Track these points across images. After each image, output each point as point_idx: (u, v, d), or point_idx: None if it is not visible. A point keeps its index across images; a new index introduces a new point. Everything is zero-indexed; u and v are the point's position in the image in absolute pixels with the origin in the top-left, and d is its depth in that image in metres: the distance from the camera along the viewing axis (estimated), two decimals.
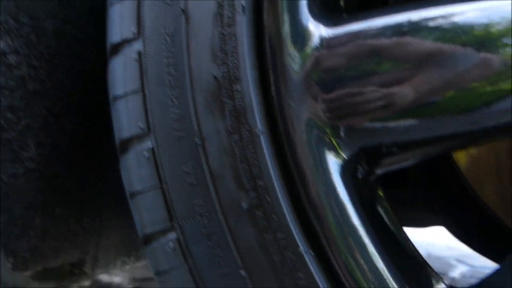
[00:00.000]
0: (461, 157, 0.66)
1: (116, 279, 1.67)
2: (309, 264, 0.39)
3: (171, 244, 0.40)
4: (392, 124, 0.43)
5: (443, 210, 0.72)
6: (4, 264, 0.58)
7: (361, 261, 0.39)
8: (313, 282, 0.39)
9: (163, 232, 0.41)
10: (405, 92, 0.43)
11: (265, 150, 0.39)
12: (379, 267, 0.39)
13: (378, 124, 0.43)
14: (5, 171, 0.55)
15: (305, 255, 0.38)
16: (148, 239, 0.42)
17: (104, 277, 1.68)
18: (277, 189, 0.39)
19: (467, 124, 0.43)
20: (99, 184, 0.76)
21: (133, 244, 0.92)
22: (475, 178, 0.64)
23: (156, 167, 0.40)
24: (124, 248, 0.90)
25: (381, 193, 0.50)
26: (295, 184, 0.39)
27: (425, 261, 0.52)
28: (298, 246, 0.39)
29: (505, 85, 0.42)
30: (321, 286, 0.38)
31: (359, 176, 0.46)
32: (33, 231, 0.60)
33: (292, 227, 0.39)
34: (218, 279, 0.40)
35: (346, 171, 0.42)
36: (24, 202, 0.58)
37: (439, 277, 0.51)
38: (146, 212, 0.41)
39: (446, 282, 0.52)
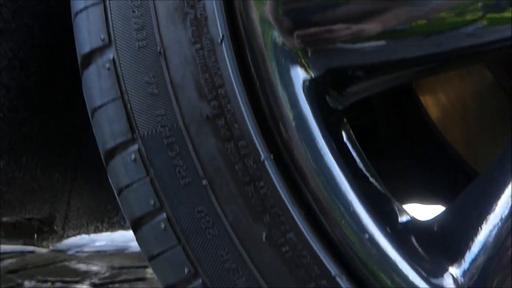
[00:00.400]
0: (431, 108, 0.67)
1: (94, 268, 1.66)
2: (270, 172, 0.39)
3: (132, 157, 0.40)
4: (358, 46, 0.44)
5: (418, 175, 0.73)
6: None
7: (321, 172, 0.39)
8: (274, 190, 0.39)
9: (125, 144, 0.40)
10: (373, 24, 0.44)
11: (226, 59, 0.39)
12: (337, 177, 0.40)
13: (344, 46, 0.43)
14: None
15: (266, 163, 0.39)
16: (109, 155, 0.41)
17: (82, 266, 1.66)
18: (239, 98, 0.39)
19: (431, 47, 0.44)
20: (68, 139, 0.75)
21: (107, 211, 0.91)
22: (443, 124, 0.65)
23: (117, 78, 0.40)
24: (98, 213, 0.89)
25: (346, 122, 0.50)
26: (257, 93, 0.39)
27: (390, 194, 0.53)
28: (260, 154, 0.39)
29: (467, 16, 0.43)
30: (281, 194, 0.39)
31: (325, 100, 0.46)
32: None
33: (253, 135, 0.39)
34: (179, 190, 0.40)
35: (311, 89, 0.42)
36: None
37: (402, 210, 0.52)
38: (107, 125, 0.40)
39: (409, 214, 0.52)
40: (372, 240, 0.40)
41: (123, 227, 1.06)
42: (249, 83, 0.39)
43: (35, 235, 0.75)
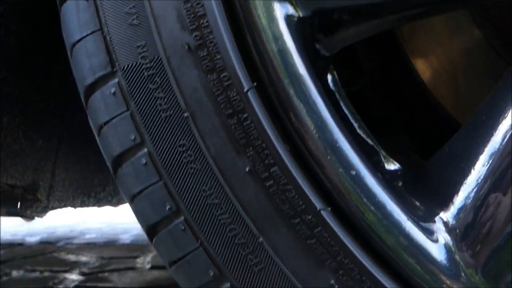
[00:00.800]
0: (421, 67, 0.67)
1: (84, 258, 1.64)
2: (253, 103, 0.38)
3: (112, 90, 0.39)
4: None
5: (407, 132, 0.72)
6: None
7: (306, 106, 0.38)
8: (257, 123, 0.38)
9: (104, 78, 0.39)
10: None
11: None
12: (322, 114, 0.39)
13: None
14: None
15: (249, 95, 0.38)
16: (89, 91, 0.40)
17: (71, 257, 1.65)
18: (222, 28, 0.38)
19: None
20: (52, 107, 0.74)
21: (93, 185, 0.90)
22: (432, 82, 0.65)
23: (97, 9, 0.39)
24: (84, 187, 0.88)
25: (333, 69, 0.50)
26: (240, 23, 0.38)
27: (378, 145, 0.52)
28: (243, 85, 0.38)
29: None
30: (265, 126, 0.38)
31: (313, 43, 0.45)
32: None
33: (236, 66, 0.38)
34: (160, 123, 0.39)
35: (299, 28, 0.41)
36: None
37: (390, 159, 0.51)
38: (87, 59, 0.39)
39: (396, 164, 0.52)
40: (359, 177, 0.39)
41: (111, 203, 1.05)
42: (232, 13, 0.38)
43: (19, 204, 0.74)
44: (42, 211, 0.78)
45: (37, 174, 0.73)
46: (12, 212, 0.75)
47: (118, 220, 2.51)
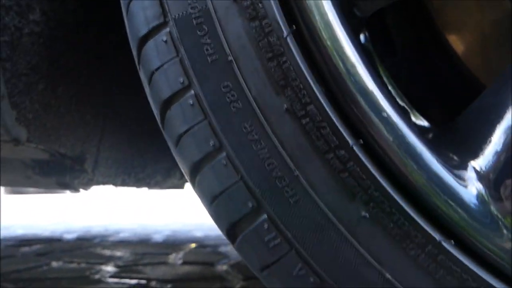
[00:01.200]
0: (453, 40, 0.68)
1: (118, 253, 1.69)
2: (292, 48, 0.41)
3: (164, 38, 0.43)
4: None
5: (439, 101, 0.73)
6: (10, 116, 0.60)
7: (339, 51, 0.41)
8: (295, 65, 0.41)
9: (157, 28, 0.43)
10: None
11: None
12: (355, 60, 0.41)
13: None
14: (12, 22, 0.57)
15: (288, 39, 0.41)
16: (142, 42, 0.44)
17: (106, 252, 1.71)
18: None
19: None
20: (99, 85, 0.79)
21: (134, 166, 0.95)
22: (464, 54, 0.66)
23: None
24: (125, 167, 0.93)
25: (367, 35, 0.52)
26: None
27: (409, 105, 0.54)
28: (283, 31, 0.41)
29: None
30: (303, 68, 0.41)
31: (348, 5, 0.48)
32: (36, 96, 0.63)
33: (277, 13, 0.41)
34: (206, 67, 0.42)
35: None
36: (28, 61, 0.61)
37: (420, 117, 0.53)
38: (142, 12, 0.44)
39: (426, 122, 0.54)
40: (389, 118, 0.41)
41: (148, 185, 1.09)
42: None
43: (67, 175, 0.79)
44: (88, 184, 0.84)
45: (85, 147, 0.78)
46: (61, 182, 0.81)
47: (150, 222, 2.57)
